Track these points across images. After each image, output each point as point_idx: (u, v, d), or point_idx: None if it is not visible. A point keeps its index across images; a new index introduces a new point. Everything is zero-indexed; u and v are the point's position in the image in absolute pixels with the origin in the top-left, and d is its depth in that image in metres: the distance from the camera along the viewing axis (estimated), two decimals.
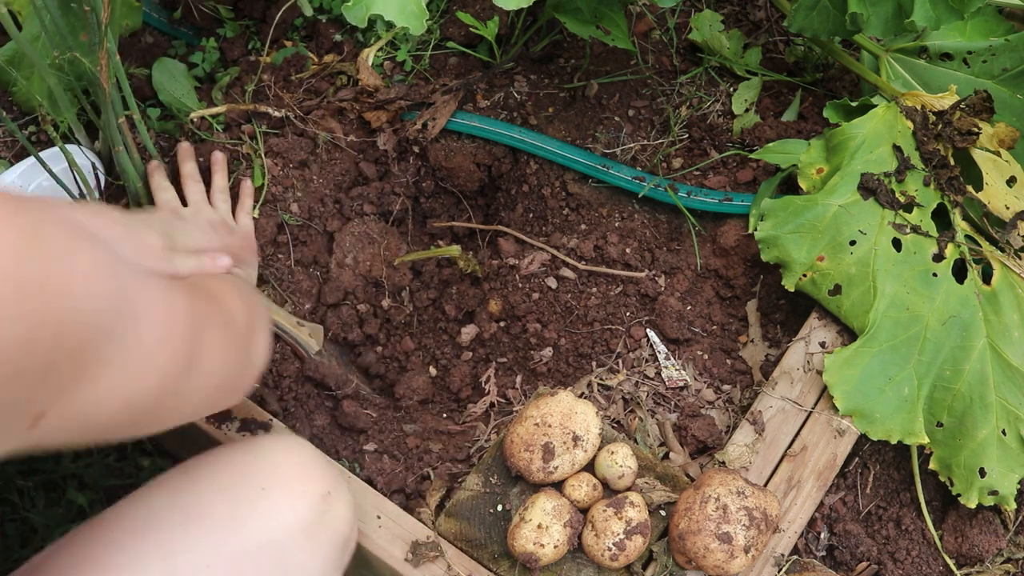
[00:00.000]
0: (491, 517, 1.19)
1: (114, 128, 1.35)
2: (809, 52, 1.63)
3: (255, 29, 1.63)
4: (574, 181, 1.50)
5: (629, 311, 1.41)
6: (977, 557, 1.30)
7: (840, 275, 1.30)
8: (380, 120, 1.51)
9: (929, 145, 1.37)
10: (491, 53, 1.57)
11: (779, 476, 1.25)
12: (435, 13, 1.62)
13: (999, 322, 1.28)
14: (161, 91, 1.54)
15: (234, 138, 1.50)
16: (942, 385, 1.27)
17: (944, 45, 1.47)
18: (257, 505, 0.94)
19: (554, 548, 1.10)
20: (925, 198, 1.34)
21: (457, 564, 1.15)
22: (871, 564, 1.29)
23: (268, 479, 0.95)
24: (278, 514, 0.94)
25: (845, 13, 1.33)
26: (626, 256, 1.44)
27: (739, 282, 1.42)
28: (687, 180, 1.50)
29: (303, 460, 0.99)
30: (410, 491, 1.28)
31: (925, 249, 1.31)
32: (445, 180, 1.55)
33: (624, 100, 1.57)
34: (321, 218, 1.48)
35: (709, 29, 1.60)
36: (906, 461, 1.36)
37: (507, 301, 1.45)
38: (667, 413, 1.32)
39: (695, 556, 1.11)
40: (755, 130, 1.53)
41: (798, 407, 1.29)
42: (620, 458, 1.17)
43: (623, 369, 1.36)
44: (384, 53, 1.59)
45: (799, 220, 1.31)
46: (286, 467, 0.97)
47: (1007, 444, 1.25)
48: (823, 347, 1.33)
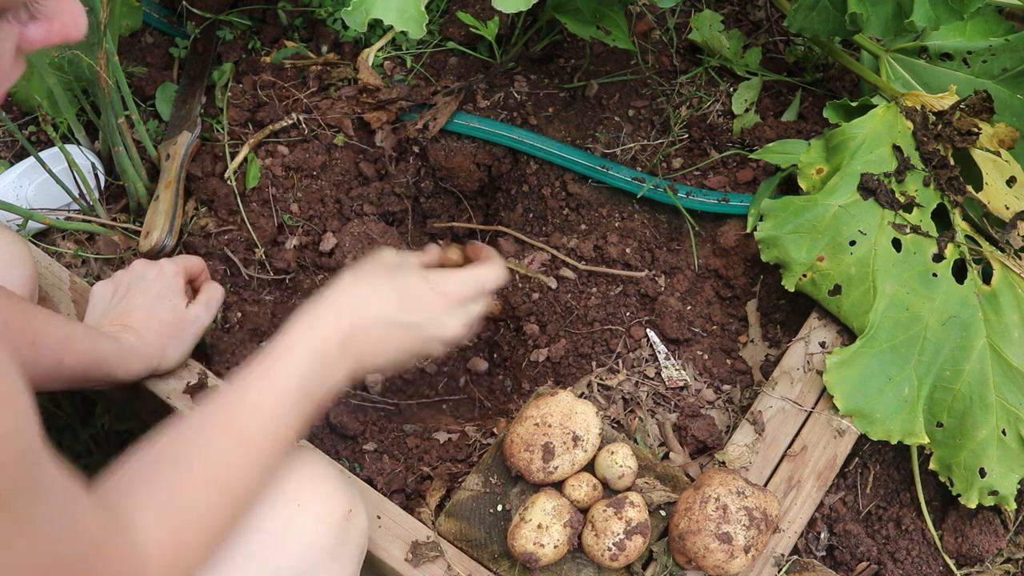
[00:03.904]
0: (491, 517, 1.19)
1: (114, 128, 1.36)
2: (809, 52, 1.63)
3: (255, 29, 1.63)
4: (574, 181, 1.50)
5: (629, 311, 1.41)
6: (977, 557, 1.30)
7: (840, 275, 1.30)
8: (380, 120, 1.51)
9: (929, 145, 1.37)
10: (491, 53, 1.57)
11: (779, 476, 1.25)
12: (435, 13, 1.62)
13: (999, 322, 1.28)
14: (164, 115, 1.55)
15: (235, 139, 1.50)
16: (942, 385, 1.27)
17: (944, 45, 1.47)
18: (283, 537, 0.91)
19: (554, 548, 1.10)
20: (925, 198, 1.34)
21: (457, 564, 1.15)
22: (871, 564, 1.29)
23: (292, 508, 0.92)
24: (303, 543, 0.93)
25: (845, 13, 1.33)
26: (626, 256, 1.44)
27: (739, 282, 1.42)
28: (687, 180, 1.50)
29: (324, 480, 0.97)
30: (410, 491, 1.28)
31: (925, 249, 1.31)
32: (445, 180, 1.55)
33: (624, 100, 1.57)
34: (321, 218, 1.48)
35: (709, 29, 1.60)
36: (906, 461, 1.36)
37: (507, 301, 1.45)
38: (667, 413, 1.32)
39: (695, 556, 1.11)
40: (755, 130, 1.53)
41: (798, 407, 1.29)
42: (620, 458, 1.17)
43: (623, 369, 1.36)
44: (384, 53, 1.59)
45: (799, 220, 1.31)
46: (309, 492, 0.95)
47: (1007, 444, 1.25)
48: (823, 347, 1.33)
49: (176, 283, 1.21)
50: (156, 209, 1.42)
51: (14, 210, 1.33)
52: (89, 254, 1.43)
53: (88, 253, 1.43)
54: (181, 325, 1.20)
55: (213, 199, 1.47)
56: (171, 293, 1.19)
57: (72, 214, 1.44)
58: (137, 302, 1.18)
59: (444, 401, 1.44)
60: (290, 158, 1.49)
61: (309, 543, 0.93)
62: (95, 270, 1.42)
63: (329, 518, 0.95)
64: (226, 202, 1.46)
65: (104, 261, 1.43)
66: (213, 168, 1.49)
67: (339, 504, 0.96)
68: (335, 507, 0.96)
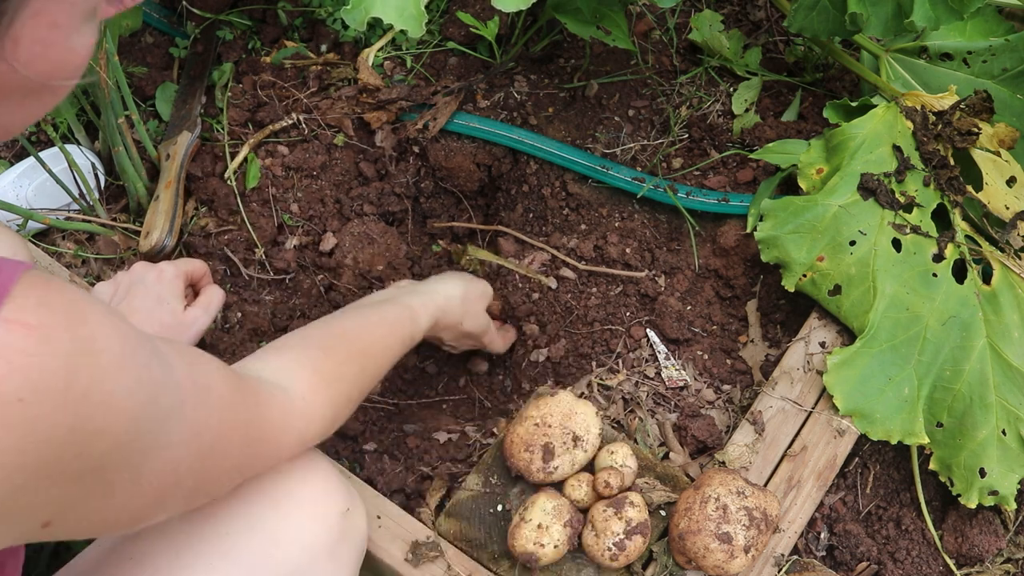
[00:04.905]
0: (491, 517, 1.19)
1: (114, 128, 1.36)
2: (809, 52, 1.63)
3: (255, 29, 1.63)
4: (574, 181, 1.50)
5: (629, 311, 1.41)
6: (977, 557, 1.30)
7: (840, 275, 1.30)
8: (380, 120, 1.51)
9: (929, 145, 1.37)
10: (491, 53, 1.57)
11: (779, 476, 1.25)
12: (435, 13, 1.62)
13: (999, 322, 1.28)
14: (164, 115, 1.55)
15: (235, 139, 1.50)
16: (942, 385, 1.27)
17: (944, 45, 1.47)
18: (281, 534, 0.92)
19: (554, 548, 1.10)
20: (925, 198, 1.34)
21: (457, 564, 1.15)
22: (871, 564, 1.29)
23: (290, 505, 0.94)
24: (302, 540, 0.93)
25: (845, 13, 1.33)
26: (626, 256, 1.44)
27: (739, 282, 1.42)
28: (687, 180, 1.50)
29: (322, 477, 0.98)
30: (410, 491, 1.28)
31: (925, 249, 1.31)
32: (445, 180, 1.55)
33: (624, 100, 1.57)
34: (321, 218, 1.48)
35: (709, 29, 1.60)
36: (906, 461, 1.36)
37: (507, 301, 1.45)
38: (667, 413, 1.32)
39: (695, 556, 1.11)
40: (755, 130, 1.53)
41: (798, 407, 1.29)
42: (620, 458, 1.17)
43: (623, 369, 1.36)
44: (384, 53, 1.59)
45: (799, 220, 1.31)
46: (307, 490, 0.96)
47: (1007, 444, 1.25)
48: (823, 347, 1.33)
49: (175, 286, 1.21)
50: (156, 209, 1.42)
51: (14, 210, 1.33)
52: (89, 254, 1.43)
53: (88, 253, 1.43)
54: (179, 328, 1.20)
55: (213, 199, 1.47)
56: (170, 296, 1.20)
57: (72, 214, 1.44)
58: (136, 304, 1.18)
59: (444, 401, 1.44)
60: (290, 158, 1.49)
61: (307, 540, 0.94)
62: (95, 270, 1.42)
63: (327, 516, 0.96)
64: (226, 202, 1.46)
65: (104, 261, 1.43)
66: (213, 168, 1.49)
67: (337, 502, 0.97)
68: (333, 505, 0.97)
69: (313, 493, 0.96)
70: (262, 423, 0.86)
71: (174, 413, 0.70)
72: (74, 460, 0.59)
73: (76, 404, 0.58)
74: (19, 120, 0.64)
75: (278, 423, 0.89)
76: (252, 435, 0.84)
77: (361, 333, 1.09)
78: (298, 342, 1.02)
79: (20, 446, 0.56)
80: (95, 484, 0.63)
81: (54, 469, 0.58)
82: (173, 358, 0.72)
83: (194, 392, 0.73)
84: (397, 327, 1.14)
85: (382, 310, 1.15)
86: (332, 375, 0.99)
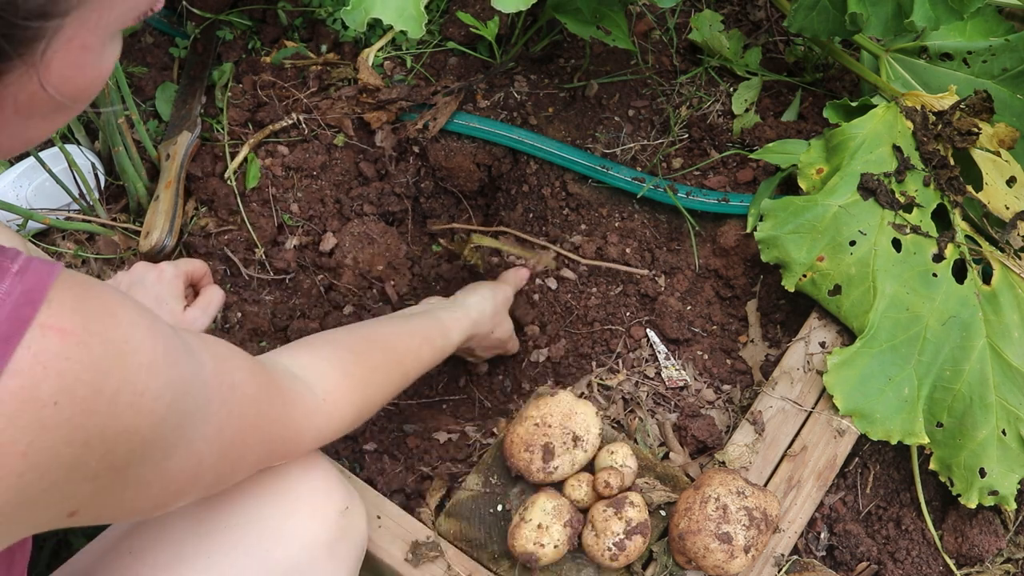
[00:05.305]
0: (491, 517, 1.19)
1: (114, 128, 1.36)
2: (809, 52, 1.63)
3: (255, 29, 1.63)
4: (574, 181, 1.50)
5: (629, 311, 1.41)
6: (977, 557, 1.30)
7: (840, 275, 1.30)
8: (380, 120, 1.51)
9: (929, 145, 1.37)
10: (491, 53, 1.57)
11: (779, 476, 1.25)
12: (435, 13, 1.62)
13: (999, 322, 1.28)
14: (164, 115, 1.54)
15: (235, 139, 1.50)
16: (942, 385, 1.27)
17: (944, 45, 1.47)
18: (281, 531, 0.93)
19: (554, 548, 1.10)
20: (925, 198, 1.34)
21: (457, 564, 1.15)
22: (871, 564, 1.29)
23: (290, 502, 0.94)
24: (301, 537, 0.94)
25: (845, 13, 1.33)
26: (626, 256, 1.44)
27: (739, 282, 1.42)
28: (687, 180, 1.50)
29: (321, 476, 0.98)
30: (410, 491, 1.28)
31: (925, 249, 1.31)
32: (445, 180, 1.55)
33: (624, 100, 1.57)
34: (321, 218, 1.48)
35: (709, 29, 1.60)
36: (906, 461, 1.36)
37: None
38: (667, 413, 1.32)
39: (695, 556, 1.11)
40: (755, 130, 1.53)
41: (798, 407, 1.29)
42: (620, 458, 1.17)
43: (623, 369, 1.36)
44: (384, 53, 1.59)
45: (799, 220, 1.31)
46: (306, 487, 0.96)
47: (1007, 444, 1.25)
48: (823, 347, 1.33)
49: (175, 287, 1.21)
50: (156, 209, 1.42)
51: (14, 210, 1.33)
52: (89, 254, 1.43)
53: (88, 253, 1.43)
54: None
55: (213, 199, 1.47)
56: (169, 297, 1.20)
57: (72, 214, 1.44)
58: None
59: (444, 401, 1.44)
60: (290, 158, 1.49)
61: (307, 538, 0.94)
62: (95, 270, 1.42)
63: (326, 514, 0.96)
64: (226, 202, 1.46)
65: (104, 261, 1.43)
66: (213, 168, 1.49)
67: (336, 501, 0.97)
68: (332, 503, 0.97)
69: (312, 491, 0.96)
70: (286, 422, 0.87)
71: (200, 412, 0.71)
72: (103, 458, 0.62)
73: (107, 406, 0.60)
74: (42, 133, 0.66)
75: (300, 422, 0.90)
76: (275, 433, 0.86)
77: (394, 342, 1.10)
78: (331, 342, 1.03)
79: (55, 447, 0.58)
80: (120, 479, 0.65)
81: (84, 467, 0.61)
82: (203, 355, 0.73)
83: (221, 391, 0.75)
84: (429, 340, 1.15)
85: (416, 322, 1.17)
86: (361, 380, 1.00)
